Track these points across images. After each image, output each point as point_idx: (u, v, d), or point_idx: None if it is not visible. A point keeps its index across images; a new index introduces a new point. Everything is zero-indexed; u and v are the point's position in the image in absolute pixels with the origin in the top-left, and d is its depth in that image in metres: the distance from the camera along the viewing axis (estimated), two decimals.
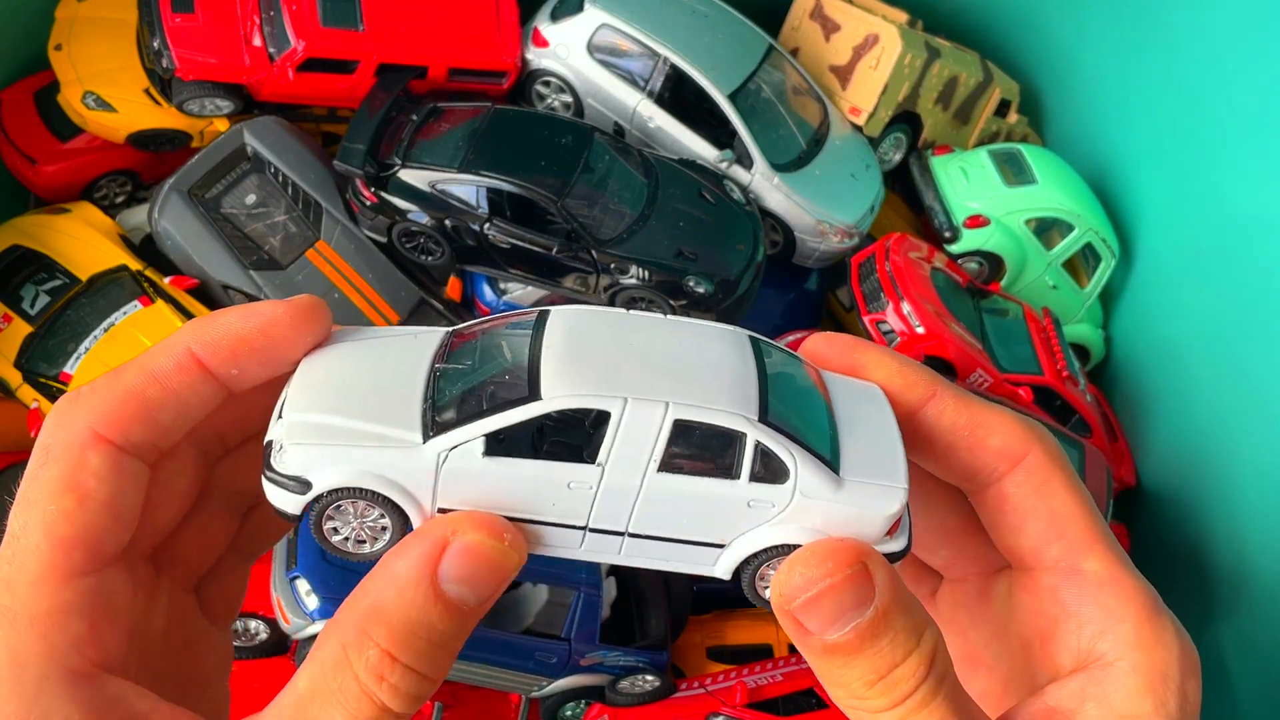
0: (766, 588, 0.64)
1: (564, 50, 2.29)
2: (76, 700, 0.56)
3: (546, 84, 2.35)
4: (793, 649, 2.13)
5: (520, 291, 2.30)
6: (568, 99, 2.34)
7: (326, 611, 1.86)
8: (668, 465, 0.62)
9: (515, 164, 2.08)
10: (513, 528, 0.59)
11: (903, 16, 2.53)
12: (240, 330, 0.62)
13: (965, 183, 2.52)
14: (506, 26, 2.28)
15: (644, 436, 0.61)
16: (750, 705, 1.96)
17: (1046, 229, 2.51)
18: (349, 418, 0.61)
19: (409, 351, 0.65)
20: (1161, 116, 2.44)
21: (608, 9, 2.26)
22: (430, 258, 2.19)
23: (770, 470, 0.62)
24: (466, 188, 2.08)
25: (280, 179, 2.17)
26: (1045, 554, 0.66)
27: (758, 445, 0.61)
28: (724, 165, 2.28)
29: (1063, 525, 0.66)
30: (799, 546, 0.61)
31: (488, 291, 2.31)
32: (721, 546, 0.64)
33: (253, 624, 2.02)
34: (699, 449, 0.62)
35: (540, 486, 0.62)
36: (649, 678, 2.00)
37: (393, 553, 0.57)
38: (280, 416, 0.62)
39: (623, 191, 2.14)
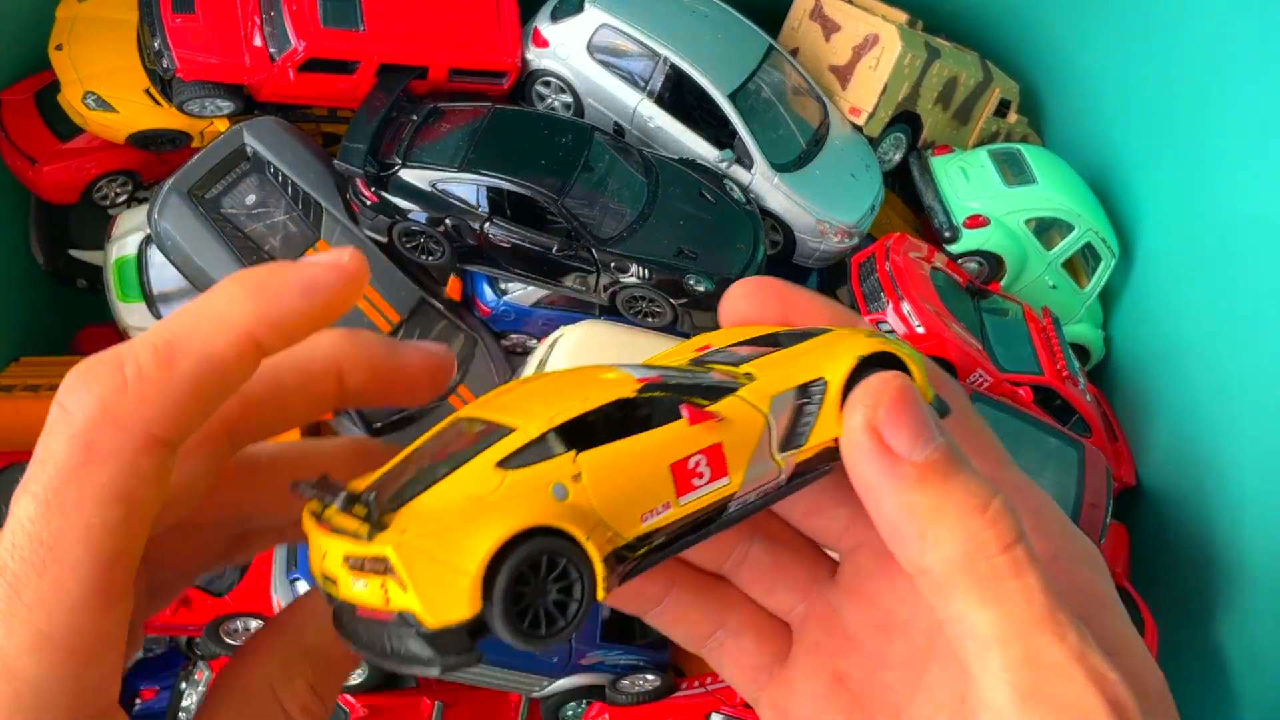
0: None
1: (564, 50, 2.29)
2: None
3: (547, 84, 2.35)
4: None
5: (520, 291, 2.30)
6: (568, 99, 2.34)
7: None
8: None
9: (515, 163, 2.09)
10: None
11: (902, 16, 2.53)
12: (303, 310, 0.54)
13: (965, 183, 2.52)
14: (507, 27, 2.28)
15: None
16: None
17: (1046, 229, 2.51)
18: None
19: None
20: (1161, 116, 2.44)
21: (608, 9, 2.26)
22: (430, 257, 2.19)
23: None
24: (467, 187, 2.08)
25: (280, 179, 2.17)
26: None
27: None
28: (724, 165, 2.29)
29: (977, 444, 0.66)
30: None
31: (488, 291, 2.31)
32: None
33: (254, 624, 2.02)
34: None
35: None
36: (649, 677, 2.00)
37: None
38: None
39: (623, 191, 2.14)
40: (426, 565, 0.50)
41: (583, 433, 0.56)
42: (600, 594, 0.53)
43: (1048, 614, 0.53)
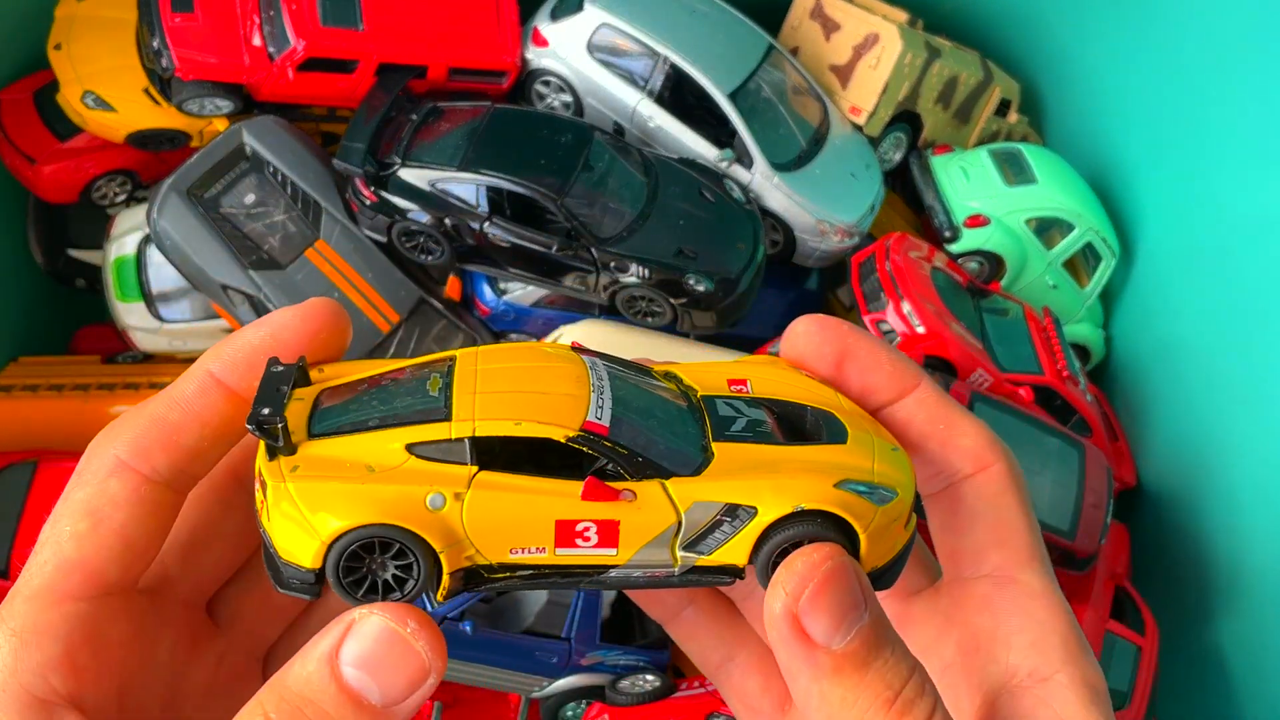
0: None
1: (564, 50, 2.29)
2: None
3: (546, 83, 2.34)
4: None
5: (520, 291, 2.29)
6: (568, 98, 2.34)
7: None
8: None
9: (515, 163, 2.08)
10: (430, 628, 0.54)
11: (903, 16, 2.53)
12: (253, 342, 0.62)
13: (965, 182, 2.51)
14: (506, 26, 2.28)
15: None
16: None
17: (1047, 228, 2.51)
18: None
19: None
20: (1161, 116, 2.44)
21: (607, 8, 2.26)
22: (430, 257, 2.19)
23: None
24: (466, 186, 2.08)
25: (279, 178, 2.16)
26: (984, 560, 0.66)
27: None
28: (724, 164, 2.28)
29: (1007, 536, 0.66)
30: None
31: (487, 291, 2.31)
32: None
33: None
34: None
35: None
36: (649, 677, 1.99)
37: (320, 631, 0.56)
38: None
39: (623, 190, 2.13)
40: (289, 512, 0.57)
41: (497, 453, 0.59)
42: (440, 597, 0.59)
43: None
